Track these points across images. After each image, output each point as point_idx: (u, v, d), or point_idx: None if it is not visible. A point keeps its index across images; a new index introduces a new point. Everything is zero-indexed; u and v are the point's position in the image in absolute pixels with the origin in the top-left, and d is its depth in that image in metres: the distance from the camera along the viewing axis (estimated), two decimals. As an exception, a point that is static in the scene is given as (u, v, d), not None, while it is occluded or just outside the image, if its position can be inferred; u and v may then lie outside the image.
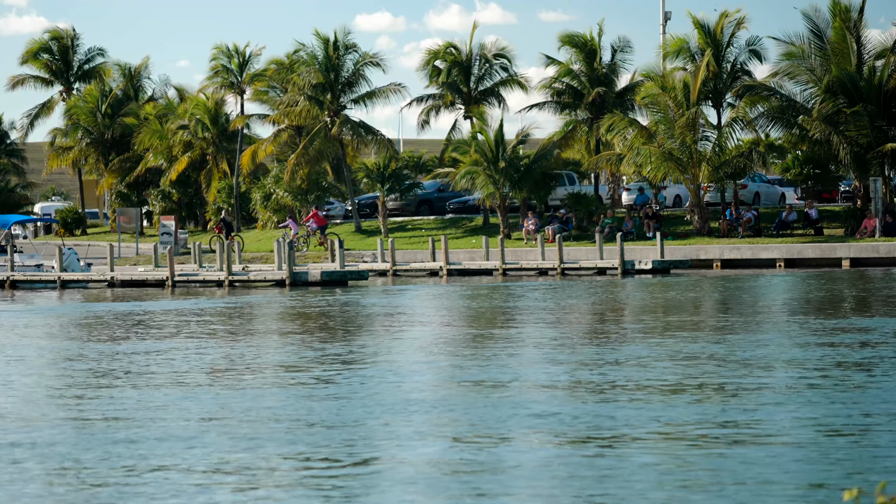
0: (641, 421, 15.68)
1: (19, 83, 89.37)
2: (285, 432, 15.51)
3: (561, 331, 28.56)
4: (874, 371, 19.89)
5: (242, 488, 12.66)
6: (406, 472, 13.21)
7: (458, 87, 72.44)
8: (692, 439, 14.53)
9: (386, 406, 17.35)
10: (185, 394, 19.01)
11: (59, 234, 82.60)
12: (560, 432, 15.11)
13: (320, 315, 35.46)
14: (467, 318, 33.62)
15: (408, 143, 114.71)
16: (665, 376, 19.70)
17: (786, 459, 13.39)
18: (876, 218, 57.77)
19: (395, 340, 27.14)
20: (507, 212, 65.89)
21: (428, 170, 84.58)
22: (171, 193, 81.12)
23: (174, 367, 22.51)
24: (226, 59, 79.08)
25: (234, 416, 16.79)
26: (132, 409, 17.68)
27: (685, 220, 63.98)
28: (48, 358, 25.24)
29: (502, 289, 45.48)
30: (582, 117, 68.83)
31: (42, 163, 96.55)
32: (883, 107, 59.42)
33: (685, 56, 64.19)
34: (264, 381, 20.36)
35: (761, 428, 15.09)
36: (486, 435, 14.99)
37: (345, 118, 71.11)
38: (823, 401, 17.06)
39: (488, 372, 20.77)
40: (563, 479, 12.76)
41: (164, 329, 31.25)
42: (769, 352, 22.80)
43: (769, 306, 34.61)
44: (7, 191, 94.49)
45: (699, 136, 61.21)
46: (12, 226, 64.63)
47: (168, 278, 52.36)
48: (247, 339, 28.37)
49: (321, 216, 66.07)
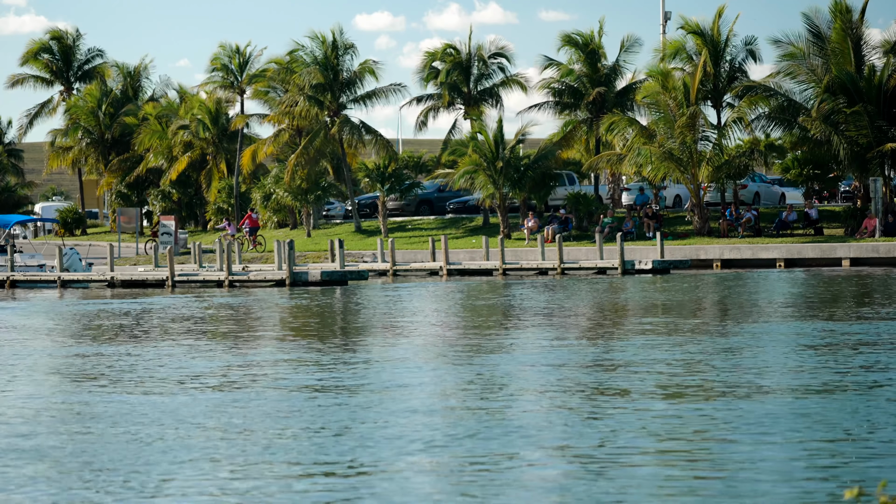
0: (642, 422, 15.68)
1: (19, 83, 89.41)
2: (284, 433, 15.50)
3: (561, 331, 28.54)
4: (874, 371, 19.90)
5: (240, 488, 12.66)
6: (406, 473, 13.20)
7: (458, 87, 72.45)
8: (692, 438, 14.52)
9: (386, 407, 17.34)
10: (184, 394, 19.00)
11: (59, 234, 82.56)
12: (560, 436, 15.12)
13: (320, 315, 35.46)
14: (467, 319, 33.60)
15: (407, 143, 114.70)
16: (664, 376, 19.70)
17: (786, 459, 13.39)
18: (876, 218, 57.77)
19: (395, 341, 27.12)
20: (507, 212, 65.86)
21: (428, 170, 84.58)
22: (171, 193, 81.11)
23: (173, 368, 22.47)
24: (226, 59, 79.08)
25: (234, 417, 16.79)
26: (132, 409, 17.67)
27: (685, 220, 63.97)
28: (47, 358, 25.23)
29: (502, 289, 45.47)
30: (582, 117, 68.82)
31: (42, 163, 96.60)
32: (883, 107, 59.41)
33: (683, 57, 64.16)
34: (264, 382, 20.34)
35: (761, 426, 15.09)
36: (486, 435, 14.99)
37: (344, 118, 71.11)
38: (823, 400, 17.06)
39: (488, 372, 20.76)
40: (562, 482, 12.77)
41: (163, 329, 31.24)
42: (769, 351, 22.80)
43: (769, 306, 34.59)
44: (7, 191, 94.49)
45: (699, 136, 61.20)
46: (13, 226, 64.60)
47: (168, 278, 52.39)
48: (247, 339, 28.35)
49: (254, 218, 69.01)
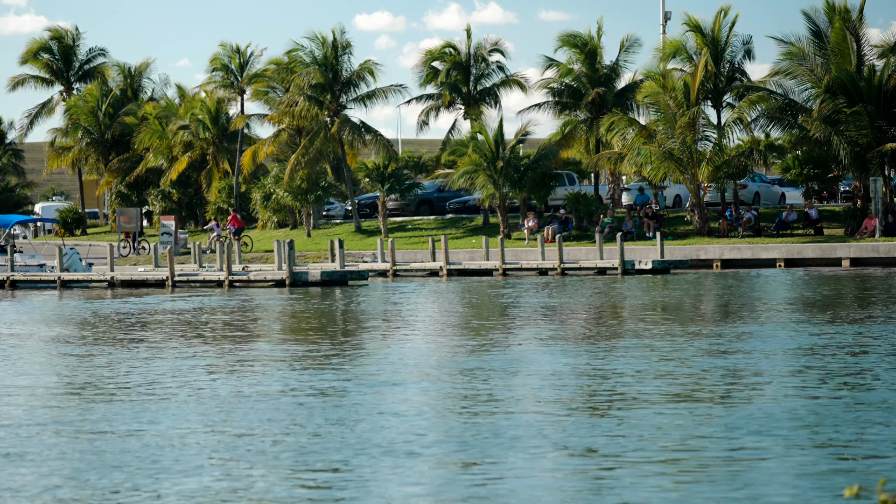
0: (642, 422, 15.69)
1: (19, 83, 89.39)
2: (284, 433, 15.50)
3: (561, 331, 28.55)
4: (874, 371, 19.90)
5: (240, 488, 12.66)
6: (406, 473, 13.20)
7: (458, 87, 72.44)
8: (692, 438, 14.53)
9: (386, 407, 17.35)
10: (185, 394, 19.00)
11: (59, 234, 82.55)
12: (560, 436, 15.13)
13: (320, 315, 35.45)
14: (467, 319, 33.60)
15: (407, 143, 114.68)
16: (665, 376, 19.70)
17: (786, 459, 13.39)
18: (876, 218, 57.76)
19: (395, 341, 27.12)
20: (507, 212, 65.85)
21: (428, 170, 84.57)
22: (171, 193, 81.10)
23: (171, 368, 22.48)
24: (226, 59, 79.07)
25: (234, 417, 16.79)
26: (129, 411, 17.68)
27: (685, 220, 63.96)
28: (45, 358, 25.23)
29: (502, 289, 45.47)
30: (581, 117, 68.81)
31: (42, 163, 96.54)
32: (883, 107, 59.39)
33: (683, 56, 64.14)
34: (264, 382, 20.34)
35: (761, 426, 15.09)
36: (485, 438, 15.00)
37: (344, 118, 71.10)
38: (823, 400, 17.07)
39: (488, 372, 20.76)
40: (562, 482, 12.77)
41: (163, 330, 31.24)
42: (768, 351, 22.80)
43: (769, 306, 34.59)
44: (7, 191, 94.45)
45: (699, 136, 61.18)
46: (13, 226, 64.61)
47: (168, 278, 52.38)
48: (247, 339, 28.35)
49: (239, 219, 69.55)
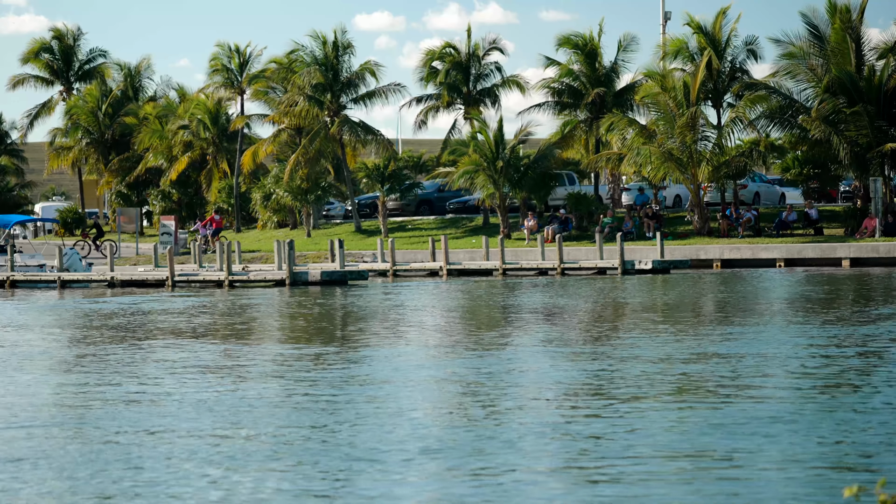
0: (642, 422, 15.70)
1: (20, 83, 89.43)
2: (284, 433, 15.51)
3: (561, 331, 28.55)
4: (875, 370, 19.90)
5: (240, 487, 12.66)
6: (406, 474, 13.20)
7: (458, 87, 72.45)
8: (691, 439, 14.52)
9: (385, 407, 17.34)
10: (182, 395, 19.00)
11: (59, 234, 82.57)
12: (559, 437, 15.13)
13: (320, 315, 35.45)
14: (467, 319, 33.60)
15: (407, 143, 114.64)
16: (665, 376, 19.70)
17: (786, 458, 13.39)
18: (876, 218, 57.76)
19: (395, 341, 27.12)
20: (507, 212, 65.87)
21: (427, 170, 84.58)
22: (171, 193, 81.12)
23: (171, 369, 22.48)
24: (226, 59, 79.10)
25: (233, 417, 16.79)
26: (129, 411, 17.68)
27: (685, 220, 63.96)
28: (45, 358, 25.23)
29: (502, 289, 45.47)
30: (581, 117, 68.81)
31: (42, 163, 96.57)
32: (883, 107, 59.39)
33: (684, 56, 64.15)
34: (264, 382, 20.34)
35: (760, 426, 15.09)
36: (484, 437, 15.00)
37: (344, 118, 71.11)
38: (822, 400, 17.07)
39: (488, 372, 20.76)
40: (561, 482, 12.77)
41: (162, 330, 31.23)
42: (768, 351, 22.80)
43: (769, 306, 34.59)
44: (7, 191, 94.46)
45: (699, 136, 61.19)
46: (13, 226, 64.60)
47: (168, 278, 52.38)
48: (247, 339, 28.35)
49: (217, 220, 71.21)
